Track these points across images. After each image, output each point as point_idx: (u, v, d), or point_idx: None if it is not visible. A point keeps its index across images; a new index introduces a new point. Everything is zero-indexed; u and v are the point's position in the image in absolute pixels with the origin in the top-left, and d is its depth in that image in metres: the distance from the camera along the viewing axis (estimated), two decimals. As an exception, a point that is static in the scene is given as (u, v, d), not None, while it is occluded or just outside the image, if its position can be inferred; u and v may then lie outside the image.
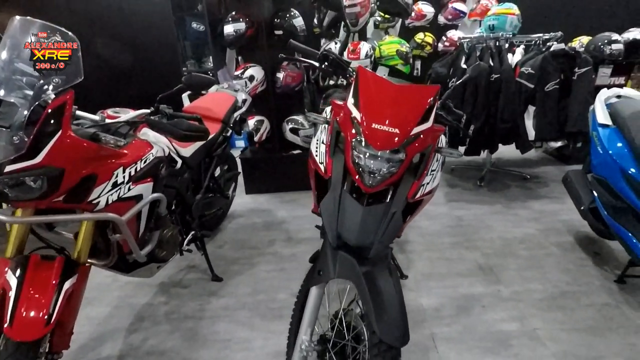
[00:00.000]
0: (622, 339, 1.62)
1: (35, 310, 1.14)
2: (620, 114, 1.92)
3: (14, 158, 1.11)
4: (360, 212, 1.05)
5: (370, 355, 0.99)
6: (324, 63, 1.36)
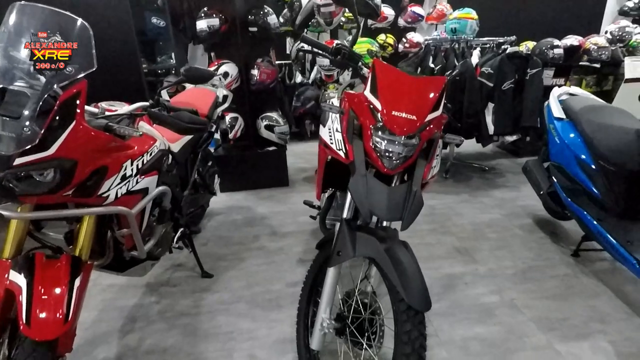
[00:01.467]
0: (583, 302, 1.87)
1: (51, 309, 1.09)
2: (572, 109, 2.20)
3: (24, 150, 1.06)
4: (386, 191, 1.15)
5: (400, 322, 1.08)
6: (337, 56, 1.44)
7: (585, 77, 3.78)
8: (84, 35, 1.13)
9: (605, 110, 2.15)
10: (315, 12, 2.99)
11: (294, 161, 3.71)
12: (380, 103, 1.16)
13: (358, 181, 1.14)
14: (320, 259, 1.54)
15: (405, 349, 1.06)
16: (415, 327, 1.07)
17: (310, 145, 4.74)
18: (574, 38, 3.61)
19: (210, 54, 3.41)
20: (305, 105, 3.54)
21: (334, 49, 1.43)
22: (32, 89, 1.12)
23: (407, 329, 1.07)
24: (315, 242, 2.52)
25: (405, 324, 1.07)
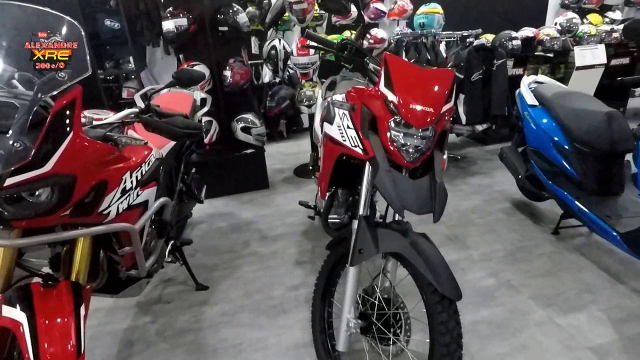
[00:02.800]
0: (572, 277, 2.00)
1: (61, 342, 0.98)
2: (544, 96, 2.33)
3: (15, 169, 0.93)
4: (412, 185, 1.14)
5: (435, 313, 1.08)
6: (344, 52, 1.41)
7: (541, 67, 4.03)
8: (75, 36, 1.02)
9: (573, 96, 2.29)
10: (287, 9, 2.94)
11: (270, 163, 3.63)
12: (397, 96, 1.15)
13: (384, 177, 1.12)
14: (333, 260, 1.52)
15: (444, 339, 1.06)
16: (451, 317, 1.08)
17: (283, 145, 4.68)
18: (528, 30, 3.84)
19: (178, 55, 3.25)
20: (280, 105, 3.48)
21: (340, 44, 1.40)
22: (17, 99, 1.00)
23: (443, 320, 1.07)
24: (308, 243, 2.50)
25: (441, 315, 1.08)
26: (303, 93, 3.24)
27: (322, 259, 2.24)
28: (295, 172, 3.79)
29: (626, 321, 1.69)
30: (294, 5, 2.86)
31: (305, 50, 3.02)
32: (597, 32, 4.13)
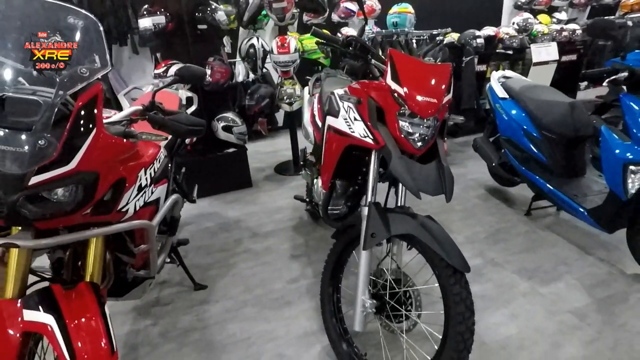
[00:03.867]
0: (546, 251, 2.20)
1: (95, 342, 0.98)
2: (513, 89, 2.54)
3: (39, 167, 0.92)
4: (423, 169, 1.24)
5: (448, 286, 1.18)
6: (349, 48, 1.47)
7: (502, 63, 4.32)
8: (95, 32, 1.02)
9: (539, 89, 2.51)
10: (267, 8, 2.97)
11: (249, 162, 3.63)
12: (404, 89, 1.23)
13: (398, 163, 1.21)
14: (340, 247, 1.58)
15: (459, 307, 1.16)
16: (463, 288, 1.18)
17: (260, 144, 4.68)
18: (490, 29, 4.11)
19: (155, 54, 3.17)
20: (259, 104, 3.49)
21: (345, 41, 1.47)
22: (37, 96, 0.98)
23: (457, 291, 1.17)
24: (299, 237, 2.55)
25: (454, 287, 1.18)
26: (284, 91, 3.28)
27: (316, 252, 2.34)
28: (276, 170, 3.81)
29: (596, 286, 1.89)
30: (273, 4, 2.89)
31: (286, 49, 3.06)
32: (549, 31, 4.48)
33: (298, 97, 3.30)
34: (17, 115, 0.93)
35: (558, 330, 1.64)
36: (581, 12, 6.24)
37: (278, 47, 3.06)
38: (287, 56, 3.07)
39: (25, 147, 0.90)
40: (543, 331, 1.64)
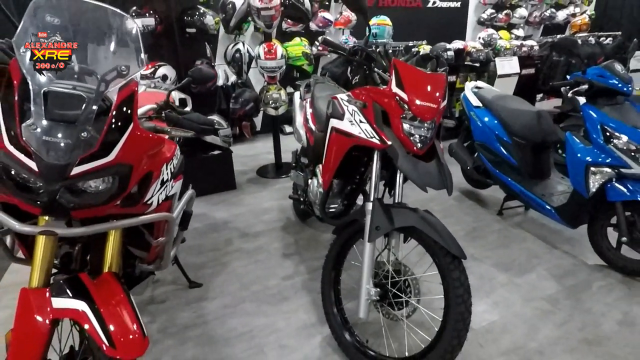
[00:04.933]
0: (519, 246, 2.41)
1: (128, 326, 1.02)
2: (486, 98, 2.77)
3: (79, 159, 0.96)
4: (427, 167, 1.36)
5: (448, 272, 1.31)
6: (355, 56, 1.58)
7: (469, 74, 4.64)
8: (132, 31, 1.06)
9: (508, 98, 2.76)
10: (254, 15, 3.04)
11: (231, 165, 3.67)
12: (407, 95, 1.36)
13: (405, 161, 1.33)
14: (341, 242, 1.68)
15: (459, 291, 1.29)
16: (462, 272, 1.32)
17: (240, 148, 4.68)
18: (459, 42, 4.41)
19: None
20: (244, 107, 3.53)
21: (352, 50, 1.58)
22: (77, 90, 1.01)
23: (456, 276, 1.31)
24: (289, 236, 2.62)
25: (453, 272, 1.31)
26: (269, 95, 3.35)
27: (307, 250, 2.42)
28: (259, 173, 3.85)
29: (564, 276, 2.11)
30: (261, 11, 2.97)
31: (273, 55, 3.14)
32: (510, 46, 4.87)
33: (283, 101, 3.39)
34: (60, 108, 0.96)
35: (534, 315, 1.83)
36: (536, 29, 6.79)
37: (265, 53, 3.14)
38: (274, 62, 3.16)
39: (69, 139, 0.94)
40: (521, 316, 1.82)
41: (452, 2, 5.84)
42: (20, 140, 0.94)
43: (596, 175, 1.99)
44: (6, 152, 0.95)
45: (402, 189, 1.59)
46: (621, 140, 1.94)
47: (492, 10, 5.86)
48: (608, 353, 1.60)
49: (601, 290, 1.99)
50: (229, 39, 4.28)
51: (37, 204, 0.98)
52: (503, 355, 1.61)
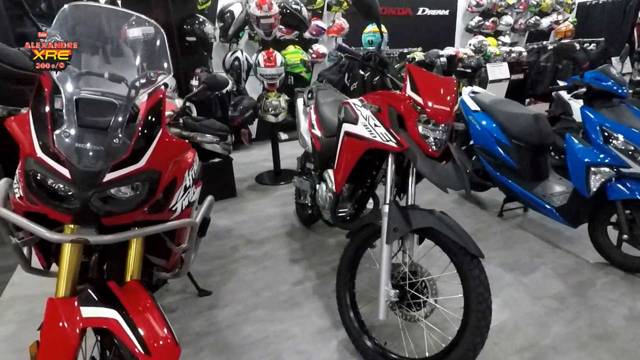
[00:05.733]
0: (522, 247, 2.46)
1: (160, 333, 1.01)
2: (484, 103, 2.84)
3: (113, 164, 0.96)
4: (444, 168, 1.39)
5: (467, 271, 1.33)
6: (369, 62, 1.61)
7: (462, 80, 4.75)
8: (161, 39, 1.07)
9: (505, 102, 2.84)
10: (254, 23, 3.06)
11: (230, 172, 3.66)
12: (423, 99, 1.40)
13: (424, 163, 1.36)
14: (355, 245, 1.69)
15: (479, 289, 1.32)
16: (481, 272, 1.35)
17: (236, 155, 4.66)
18: (451, 49, 4.52)
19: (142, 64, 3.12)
20: (243, 115, 3.54)
21: (365, 55, 1.61)
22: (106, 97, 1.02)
23: (476, 275, 1.33)
24: (295, 242, 2.62)
25: (473, 271, 1.34)
26: (269, 103, 3.37)
27: (314, 255, 2.42)
28: (257, 180, 3.85)
29: (568, 274, 2.16)
30: (261, 19, 3.00)
31: (272, 62, 3.17)
32: (500, 52, 5.01)
33: (283, 108, 3.41)
34: (91, 115, 0.96)
35: (544, 313, 1.86)
36: (521, 36, 7.00)
37: (265, 60, 3.16)
38: (274, 69, 3.18)
39: (101, 146, 0.94)
40: (531, 314, 1.86)
41: (440, 10, 5.99)
42: (52, 148, 0.93)
43: (596, 175, 2.06)
44: (38, 160, 0.94)
45: (415, 191, 1.62)
46: (619, 140, 2.01)
47: (480, 17, 6.02)
48: (618, 347, 1.64)
49: (605, 287, 2.04)
50: (224, 47, 4.30)
51: (68, 211, 0.97)
52: (518, 352, 1.64)
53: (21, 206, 1.07)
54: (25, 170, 0.96)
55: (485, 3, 5.78)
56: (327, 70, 4.01)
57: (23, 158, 0.98)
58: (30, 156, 0.95)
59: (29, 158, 0.96)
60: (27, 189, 0.97)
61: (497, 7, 5.98)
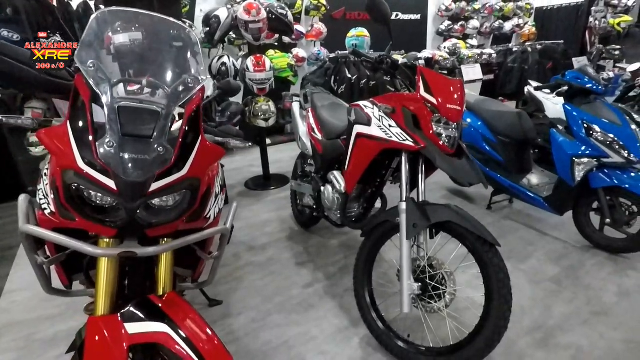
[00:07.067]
0: (513, 237, 2.61)
1: (213, 343, 1.00)
2: (469, 102, 2.98)
3: None
4: (461, 164, 1.47)
5: (487, 259, 1.41)
6: (381, 64, 1.66)
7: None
8: (195, 45, 1.07)
9: (488, 101, 3.00)
10: (242, 28, 3.06)
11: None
12: (436, 99, 1.47)
13: (443, 160, 1.43)
14: (371, 244, 1.74)
15: (500, 275, 1.40)
16: (500, 259, 1.43)
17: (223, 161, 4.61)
18: (428, 52, 4.70)
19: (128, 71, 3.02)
20: (232, 120, 3.50)
21: (377, 59, 1.66)
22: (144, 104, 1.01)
23: (496, 262, 1.41)
24: (298, 245, 2.63)
25: (492, 259, 1.41)
26: (258, 107, 3.36)
27: (319, 257, 2.45)
28: (247, 186, 3.82)
29: (559, 259, 2.32)
30: (249, 24, 3.00)
31: (262, 67, 3.17)
32: (472, 54, 5.26)
33: (273, 113, 3.41)
34: (132, 124, 0.95)
35: (545, 295, 1.99)
36: (487, 39, 7.36)
37: (254, 65, 3.16)
38: (263, 74, 3.18)
39: (146, 154, 0.93)
40: (534, 298, 1.97)
41: (412, 14, 6.20)
42: (96, 159, 0.91)
43: (580, 165, 2.23)
44: (79, 173, 0.91)
45: (425, 187, 1.69)
46: (599, 133, 2.19)
47: (449, 22, 6.29)
48: (615, 321, 1.79)
49: (594, 268, 2.21)
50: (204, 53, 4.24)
51: (112, 224, 0.95)
52: (528, 334, 1.74)
53: (51, 222, 1.03)
54: (65, 184, 0.93)
55: (454, 8, 6.05)
56: (312, 74, 4.05)
57: (59, 171, 0.95)
58: (70, 168, 0.92)
59: (68, 171, 0.93)
60: (67, 203, 0.94)
61: (464, 12, 6.27)
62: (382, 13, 1.63)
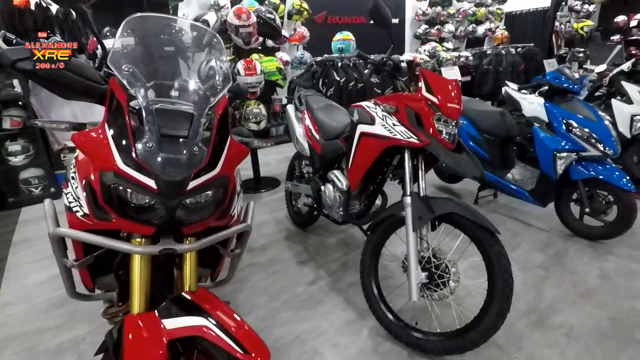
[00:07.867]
0: (501, 228, 2.73)
1: (250, 334, 1.04)
2: (454, 102, 3.13)
3: None
4: (463, 159, 1.57)
5: (489, 247, 1.52)
6: (384, 67, 1.73)
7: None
8: (220, 47, 1.11)
9: (472, 101, 3.16)
10: (232, 32, 3.09)
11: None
12: (438, 98, 1.57)
13: (447, 156, 1.52)
14: (376, 238, 1.82)
15: (502, 261, 1.50)
16: (501, 246, 1.54)
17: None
18: (410, 55, 4.87)
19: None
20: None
21: (382, 61, 1.75)
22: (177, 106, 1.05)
23: (497, 249, 1.52)
24: (297, 245, 2.69)
25: (494, 246, 1.52)
26: (249, 111, 3.39)
27: (320, 255, 2.51)
28: (238, 190, 3.83)
29: (545, 247, 2.48)
30: (240, 28, 3.04)
31: (252, 70, 3.21)
32: (450, 57, 5.48)
33: (264, 116, 3.45)
34: (167, 125, 0.99)
35: (535, 281, 2.13)
36: (461, 42, 7.66)
37: (245, 69, 3.19)
38: (254, 77, 3.22)
39: (183, 154, 0.97)
40: (526, 283, 2.11)
41: (391, 18, 6.38)
42: (136, 159, 0.94)
43: (561, 159, 2.39)
44: (120, 173, 0.94)
45: (426, 183, 1.79)
46: (577, 128, 2.36)
47: (426, 25, 6.51)
48: (601, 301, 1.94)
49: (577, 254, 2.38)
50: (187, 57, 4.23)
51: (151, 223, 0.98)
52: (525, 315, 1.86)
53: (83, 224, 1.05)
54: (104, 185, 0.95)
55: (430, 12, 6.28)
56: (299, 77, 4.12)
57: (97, 173, 0.97)
58: (110, 170, 0.95)
59: (106, 172, 0.96)
60: (105, 204, 0.96)
61: (440, 16, 6.52)
62: (384, 18, 1.72)
